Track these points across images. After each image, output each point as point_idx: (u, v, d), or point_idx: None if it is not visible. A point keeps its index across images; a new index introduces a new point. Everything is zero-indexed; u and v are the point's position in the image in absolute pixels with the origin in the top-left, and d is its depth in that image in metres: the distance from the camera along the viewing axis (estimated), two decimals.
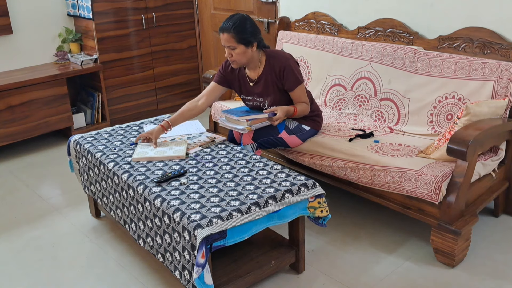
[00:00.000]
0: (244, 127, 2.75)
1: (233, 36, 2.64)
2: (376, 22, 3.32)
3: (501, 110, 2.59)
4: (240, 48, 2.67)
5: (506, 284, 2.33)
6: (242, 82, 2.89)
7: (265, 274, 2.33)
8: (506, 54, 2.71)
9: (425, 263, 2.50)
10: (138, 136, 2.78)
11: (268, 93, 2.81)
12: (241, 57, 2.70)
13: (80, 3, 4.25)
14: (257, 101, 2.88)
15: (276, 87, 2.80)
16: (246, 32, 2.65)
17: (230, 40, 2.65)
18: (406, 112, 3.01)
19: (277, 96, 2.81)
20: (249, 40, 2.67)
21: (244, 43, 2.66)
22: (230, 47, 2.68)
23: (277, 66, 2.76)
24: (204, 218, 1.97)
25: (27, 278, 2.51)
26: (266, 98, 2.83)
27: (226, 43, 2.67)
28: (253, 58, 2.76)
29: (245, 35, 2.65)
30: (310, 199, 2.26)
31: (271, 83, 2.79)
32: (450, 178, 2.39)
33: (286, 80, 2.76)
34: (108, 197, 2.62)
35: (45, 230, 2.93)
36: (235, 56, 2.70)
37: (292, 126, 2.87)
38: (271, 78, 2.78)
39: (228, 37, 2.65)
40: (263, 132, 2.81)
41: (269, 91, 2.81)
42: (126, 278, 2.48)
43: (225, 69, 2.91)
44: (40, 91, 3.99)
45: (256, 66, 2.81)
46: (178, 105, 4.98)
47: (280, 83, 2.78)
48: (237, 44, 2.66)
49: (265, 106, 2.86)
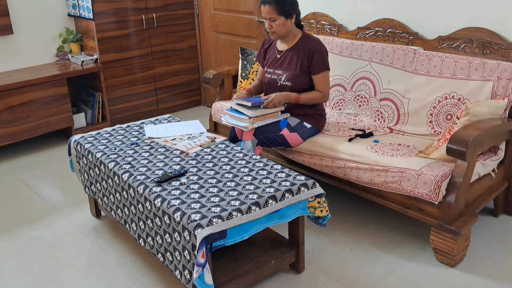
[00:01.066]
0: (247, 124, 2.77)
1: (274, 8, 2.76)
2: (376, 22, 3.32)
3: (501, 110, 2.59)
4: (281, 20, 2.80)
5: (505, 284, 2.33)
6: (270, 52, 3.03)
7: (265, 274, 2.34)
8: (505, 54, 2.71)
9: (425, 263, 2.50)
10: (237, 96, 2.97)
11: (289, 68, 2.90)
12: (280, 28, 2.83)
13: (81, 3, 4.26)
14: (275, 74, 2.96)
15: (300, 65, 2.87)
16: (286, 4, 2.78)
17: (272, 12, 2.78)
18: (406, 112, 3.02)
19: (295, 73, 2.88)
20: (289, 12, 2.80)
21: (285, 15, 2.79)
22: (271, 19, 2.80)
23: (309, 46, 2.87)
24: (204, 218, 1.98)
25: (27, 278, 2.52)
26: (285, 72, 2.92)
27: (267, 15, 2.80)
28: (291, 31, 2.88)
29: (285, 7, 2.78)
30: (310, 199, 2.26)
31: (296, 60, 2.88)
32: (450, 178, 2.39)
33: (313, 62, 2.85)
34: (108, 197, 2.63)
35: (45, 230, 2.94)
36: (275, 28, 2.83)
37: (294, 123, 2.89)
38: (298, 55, 2.88)
39: (270, 9, 2.77)
40: (264, 129, 2.82)
41: (290, 66, 2.90)
42: (127, 278, 2.48)
43: (264, 44, 3.08)
44: (41, 91, 4.00)
45: (289, 40, 2.92)
46: (178, 105, 4.99)
47: (307, 63, 2.86)
48: (278, 16, 2.78)
49: (281, 81, 2.93)
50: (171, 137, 2.82)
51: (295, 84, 2.89)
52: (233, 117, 2.87)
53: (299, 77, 2.88)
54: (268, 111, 2.83)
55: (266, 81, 3.00)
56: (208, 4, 4.72)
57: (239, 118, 2.83)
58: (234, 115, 2.86)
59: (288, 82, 2.89)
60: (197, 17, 4.88)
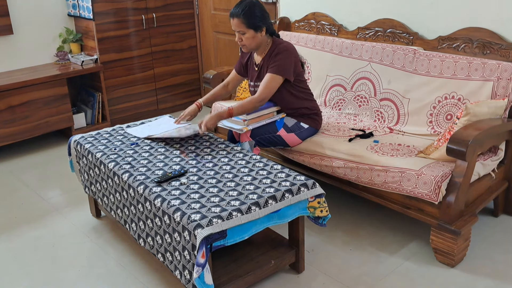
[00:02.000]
0: (241, 127, 2.77)
1: (243, 21, 2.70)
2: (376, 22, 3.32)
3: (501, 110, 2.59)
4: (250, 33, 2.73)
5: (505, 284, 2.33)
6: (250, 66, 2.97)
7: (265, 274, 2.34)
8: (505, 54, 2.71)
9: (425, 263, 2.50)
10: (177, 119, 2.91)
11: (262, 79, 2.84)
12: (250, 41, 2.77)
13: (81, 4, 4.26)
14: (257, 87, 2.89)
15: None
16: (255, 17, 2.71)
17: (240, 25, 2.72)
18: (406, 112, 3.02)
19: None
20: (258, 25, 2.73)
21: (254, 28, 2.72)
22: (240, 32, 2.74)
23: (276, 51, 2.78)
24: (204, 218, 1.98)
25: (27, 278, 2.52)
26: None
27: (236, 28, 2.74)
28: (262, 43, 2.82)
29: (254, 20, 2.71)
30: (310, 199, 2.26)
31: (267, 70, 2.81)
32: (450, 178, 2.39)
33: (271, 62, 2.77)
34: (108, 197, 2.63)
35: (45, 230, 2.94)
36: (245, 41, 2.77)
37: (290, 124, 2.88)
38: (268, 64, 2.81)
39: (238, 22, 2.71)
40: (261, 130, 2.82)
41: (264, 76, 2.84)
42: (126, 278, 2.48)
43: (242, 55, 3.00)
44: (41, 91, 4.00)
45: (262, 51, 2.86)
46: (178, 105, 4.99)
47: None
48: (247, 29, 2.72)
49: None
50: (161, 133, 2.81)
51: (275, 95, 2.79)
52: (228, 120, 2.88)
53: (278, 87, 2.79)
54: (263, 112, 2.83)
55: (251, 94, 2.99)
56: (208, 4, 4.72)
57: (234, 120, 2.83)
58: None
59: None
60: (197, 17, 4.88)
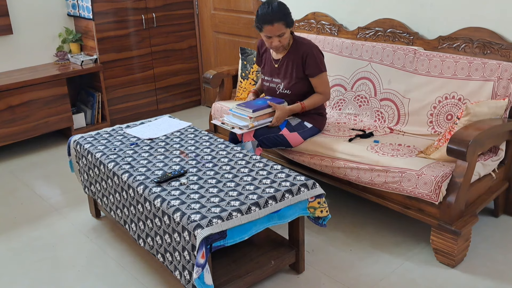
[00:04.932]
0: (247, 123, 2.78)
1: (284, 23, 2.69)
2: (376, 22, 3.32)
3: (501, 110, 2.59)
4: (287, 32, 2.75)
5: (506, 284, 2.33)
6: (267, 62, 2.96)
7: (265, 274, 2.33)
8: (506, 54, 2.71)
9: (425, 263, 2.50)
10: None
11: (286, 77, 2.87)
12: (286, 40, 2.77)
13: (80, 3, 4.25)
14: (274, 83, 2.92)
15: (296, 72, 2.85)
16: (289, 14, 2.71)
17: (281, 28, 2.70)
18: (406, 112, 3.02)
19: (292, 81, 2.86)
20: (292, 20, 2.75)
21: (290, 26, 2.74)
22: (280, 35, 2.72)
23: (302, 51, 2.81)
24: (204, 218, 1.97)
25: (27, 278, 2.51)
26: (283, 81, 2.89)
27: (276, 32, 2.70)
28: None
29: (290, 17, 2.72)
30: (310, 199, 2.26)
31: (291, 66, 2.85)
32: (450, 178, 2.39)
33: (308, 66, 2.81)
34: (108, 197, 2.62)
35: (45, 230, 2.94)
36: (283, 41, 2.76)
37: (294, 123, 2.89)
38: (293, 61, 2.84)
39: (280, 26, 2.69)
40: (264, 129, 2.82)
41: (287, 74, 2.87)
42: (126, 278, 2.48)
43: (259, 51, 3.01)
44: (40, 91, 3.99)
45: (285, 48, 2.85)
46: (178, 105, 4.99)
47: (302, 68, 2.83)
48: (286, 29, 2.72)
49: (279, 89, 2.91)
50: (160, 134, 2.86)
51: (294, 92, 2.88)
52: (235, 116, 2.89)
53: (297, 83, 2.87)
54: (268, 110, 2.84)
55: (265, 89, 2.99)
56: (208, 4, 4.72)
57: (239, 117, 2.85)
58: (236, 114, 2.88)
59: (287, 91, 2.89)
60: (197, 17, 4.88)
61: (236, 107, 2.89)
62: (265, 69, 2.98)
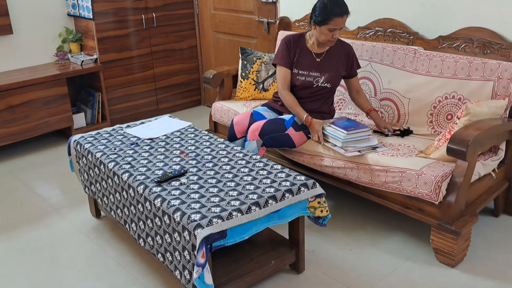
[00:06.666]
0: (339, 146, 2.68)
1: (348, 15, 2.80)
2: (376, 22, 3.32)
3: (501, 110, 2.59)
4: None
5: (506, 284, 2.33)
6: (302, 55, 2.95)
7: (265, 274, 2.33)
8: (506, 54, 2.71)
9: (425, 263, 2.50)
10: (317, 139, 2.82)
11: (328, 70, 2.92)
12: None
13: (80, 3, 4.25)
14: (311, 77, 2.94)
15: (338, 67, 2.93)
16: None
17: (346, 20, 2.80)
18: (406, 112, 3.02)
19: (334, 75, 2.93)
20: None
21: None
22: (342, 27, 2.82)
23: (347, 49, 2.95)
24: (204, 218, 1.97)
25: (27, 278, 2.51)
26: (323, 74, 2.92)
27: (342, 25, 2.80)
28: None
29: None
30: (310, 199, 2.26)
31: (335, 62, 2.93)
32: (450, 178, 2.39)
33: (353, 65, 2.95)
34: (108, 197, 2.62)
35: (45, 230, 2.94)
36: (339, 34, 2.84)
37: (300, 122, 2.89)
38: (337, 57, 2.93)
39: (346, 18, 2.79)
40: (270, 128, 2.82)
41: (330, 68, 2.92)
42: (126, 278, 2.48)
43: (289, 48, 2.96)
44: (40, 91, 3.99)
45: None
46: (178, 105, 4.99)
47: (347, 65, 2.95)
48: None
49: (318, 83, 2.93)
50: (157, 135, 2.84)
51: (333, 85, 2.95)
52: (332, 130, 2.76)
53: (337, 78, 2.96)
54: (361, 135, 2.71)
55: (298, 83, 2.94)
56: (208, 4, 4.72)
57: (336, 132, 2.72)
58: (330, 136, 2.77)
59: (328, 84, 2.93)
60: (197, 17, 4.88)
61: (347, 133, 2.68)
62: (300, 64, 2.94)
